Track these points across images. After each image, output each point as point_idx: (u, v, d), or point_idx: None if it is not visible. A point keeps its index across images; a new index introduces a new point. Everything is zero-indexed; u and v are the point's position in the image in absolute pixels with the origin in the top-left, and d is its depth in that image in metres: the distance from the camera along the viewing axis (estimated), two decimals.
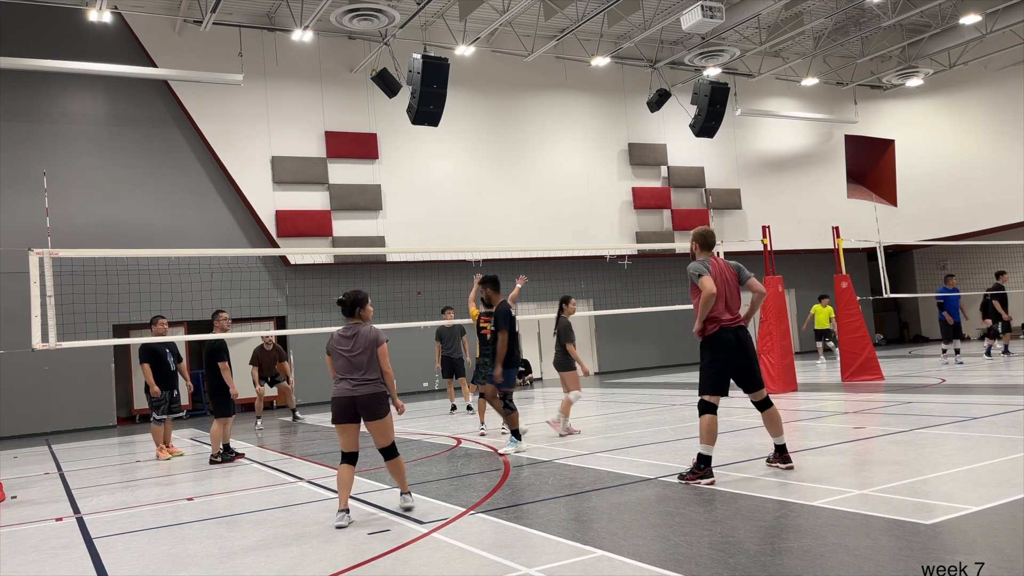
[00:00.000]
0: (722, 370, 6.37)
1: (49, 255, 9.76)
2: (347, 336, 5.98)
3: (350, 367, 5.89)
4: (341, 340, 5.98)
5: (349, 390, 5.86)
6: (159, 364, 10.44)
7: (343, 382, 5.90)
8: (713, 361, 6.38)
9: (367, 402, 5.85)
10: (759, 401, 6.52)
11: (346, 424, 5.90)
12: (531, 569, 4.35)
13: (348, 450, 5.95)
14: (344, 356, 5.92)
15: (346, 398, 5.85)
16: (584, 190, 22.57)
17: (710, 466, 6.25)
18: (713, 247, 6.72)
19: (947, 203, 25.20)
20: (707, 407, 6.34)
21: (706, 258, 6.60)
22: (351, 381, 5.87)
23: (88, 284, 14.79)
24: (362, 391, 5.85)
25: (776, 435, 6.51)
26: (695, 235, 6.75)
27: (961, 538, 4.35)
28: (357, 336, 5.95)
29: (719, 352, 6.36)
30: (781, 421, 6.55)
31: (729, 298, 6.49)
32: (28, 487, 9.01)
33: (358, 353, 5.90)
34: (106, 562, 5.28)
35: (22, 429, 16.55)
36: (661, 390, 15.68)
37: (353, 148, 19.91)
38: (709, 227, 6.84)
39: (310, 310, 18.88)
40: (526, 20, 20.13)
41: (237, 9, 18.38)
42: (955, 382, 12.87)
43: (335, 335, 6.04)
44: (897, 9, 20.77)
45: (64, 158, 17.51)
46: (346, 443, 5.95)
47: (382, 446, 5.98)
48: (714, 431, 6.26)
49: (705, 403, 6.36)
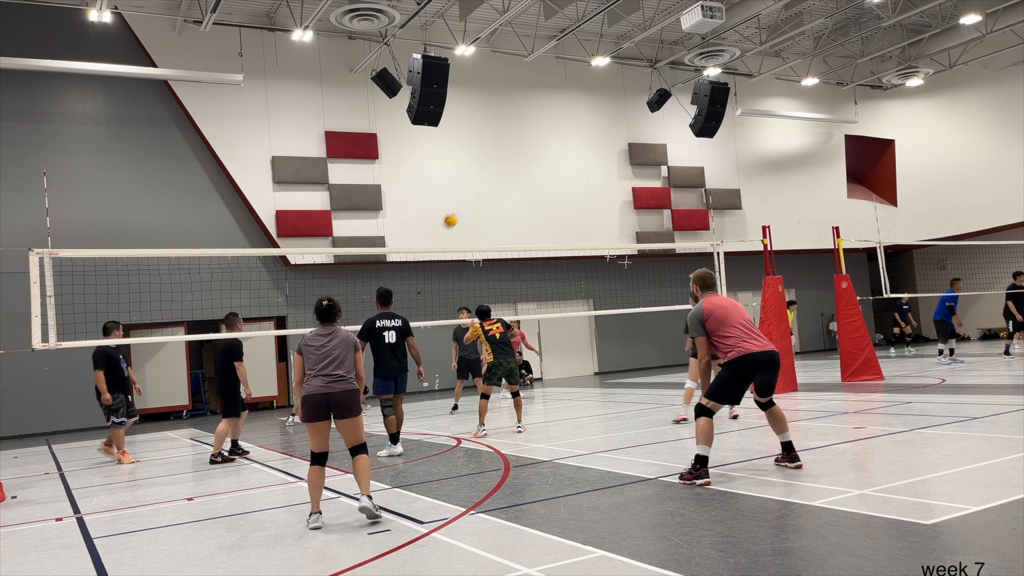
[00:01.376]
0: (738, 388, 6.46)
1: (49, 255, 9.75)
2: (324, 335, 6.15)
3: (326, 364, 5.98)
4: (317, 338, 6.12)
5: (323, 387, 5.91)
6: (115, 371, 10.48)
7: (317, 379, 5.95)
8: (732, 379, 6.42)
9: (341, 399, 5.90)
10: (764, 401, 6.65)
11: (320, 423, 5.92)
12: (531, 569, 4.35)
13: (319, 450, 5.94)
14: (319, 352, 6.02)
15: (321, 395, 5.89)
16: (584, 190, 22.57)
17: (706, 466, 6.29)
18: (714, 287, 6.91)
19: (947, 203, 25.21)
20: (704, 411, 6.42)
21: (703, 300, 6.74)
22: (325, 378, 5.93)
23: (88, 284, 14.79)
24: (337, 387, 5.92)
25: (781, 432, 6.60)
26: (695, 278, 6.99)
27: (961, 538, 4.35)
28: (335, 335, 6.14)
29: (739, 379, 6.42)
30: (785, 419, 6.63)
31: (746, 326, 6.56)
32: (28, 487, 9.01)
33: (335, 350, 6.04)
34: (106, 562, 5.28)
35: (22, 429, 16.55)
36: (661, 390, 15.67)
37: (353, 148, 19.92)
38: (708, 270, 7.05)
39: (310, 310, 18.81)
40: (526, 20, 20.13)
41: (237, 9, 18.38)
42: (955, 382, 12.87)
43: (309, 335, 6.20)
44: (897, 9, 20.77)
45: (64, 158, 17.50)
46: (318, 443, 5.94)
47: (352, 444, 5.98)
48: (710, 433, 6.34)
49: (703, 407, 6.44)
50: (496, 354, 10.45)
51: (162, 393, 18.46)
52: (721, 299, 6.73)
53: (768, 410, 6.65)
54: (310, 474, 5.89)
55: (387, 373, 9.27)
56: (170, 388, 18.51)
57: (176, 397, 18.55)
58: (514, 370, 10.52)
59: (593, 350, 23.50)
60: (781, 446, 6.63)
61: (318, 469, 5.89)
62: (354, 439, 5.98)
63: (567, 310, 22.01)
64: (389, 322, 9.39)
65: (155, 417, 18.55)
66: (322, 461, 5.92)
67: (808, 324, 26.71)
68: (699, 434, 6.34)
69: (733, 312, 6.59)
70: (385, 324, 9.36)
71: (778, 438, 6.65)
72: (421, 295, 19.81)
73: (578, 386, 18.94)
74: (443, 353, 19.26)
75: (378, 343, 9.27)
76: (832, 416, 9.84)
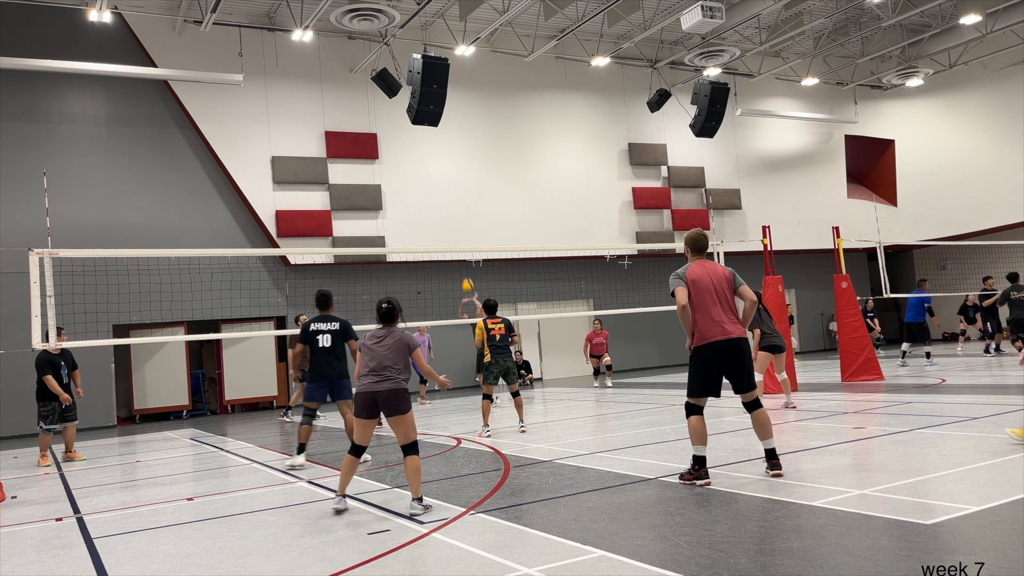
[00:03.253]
0: (709, 374, 6.26)
1: (49, 255, 9.76)
2: (379, 336, 6.29)
3: (376, 364, 6.16)
4: (373, 338, 6.31)
5: (371, 385, 6.13)
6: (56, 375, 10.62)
7: (366, 378, 6.18)
8: (700, 368, 6.28)
9: (387, 398, 6.09)
10: (749, 402, 6.35)
11: (366, 419, 6.18)
12: (531, 569, 4.35)
13: (360, 443, 6.26)
14: (371, 353, 6.21)
15: (368, 393, 6.13)
16: (584, 190, 22.57)
17: (705, 467, 6.19)
18: (706, 250, 6.54)
19: (947, 203, 25.20)
20: (692, 409, 6.29)
21: (691, 263, 6.45)
22: (374, 377, 6.13)
23: (88, 284, 14.80)
24: (383, 387, 6.10)
25: (764, 438, 6.28)
26: (686, 239, 6.63)
27: (961, 538, 4.35)
28: (389, 335, 6.27)
29: (705, 364, 6.25)
30: (770, 424, 6.32)
31: (720, 304, 6.28)
32: (28, 487, 9.01)
33: (386, 350, 6.19)
34: (106, 562, 5.28)
35: (22, 429, 16.54)
36: (661, 390, 15.68)
37: (353, 148, 19.91)
38: (702, 230, 6.70)
39: (310, 310, 18.82)
40: (526, 20, 20.13)
41: (237, 9, 18.38)
42: (955, 382, 12.88)
43: (368, 334, 6.38)
44: (897, 9, 20.77)
45: (64, 158, 17.50)
46: (360, 437, 6.25)
47: (404, 443, 6.13)
48: (702, 431, 6.20)
49: (690, 405, 6.32)
50: (493, 353, 10.45)
51: (162, 393, 18.46)
52: (705, 270, 6.35)
53: (753, 412, 6.31)
54: (345, 460, 6.26)
55: (317, 378, 8.81)
56: (170, 388, 18.51)
57: (176, 397, 18.55)
58: (511, 369, 10.51)
59: None
60: (764, 452, 6.31)
61: (352, 459, 6.24)
62: (404, 437, 6.12)
63: (567, 310, 22.01)
64: (324, 325, 8.86)
65: (155, 417, 18.55)
66: (359, 453, 6.26)
67: (808, 324, 26.71)
68: (691, 434, 6.25)
69: (709, 292, 6.26)
70: (319, 327, 8.84)
71: (761, 444, 6.34)
72: (421, 295, 19.81)
73: (578, 386, 18.94)
74: (444, 353, 19.28)
75: (313, 347, 8.82)
76: (832, 416, 9.84)
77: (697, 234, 6.61)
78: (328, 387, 8.82)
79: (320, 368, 8.79)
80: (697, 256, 6.53)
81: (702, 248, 6.56)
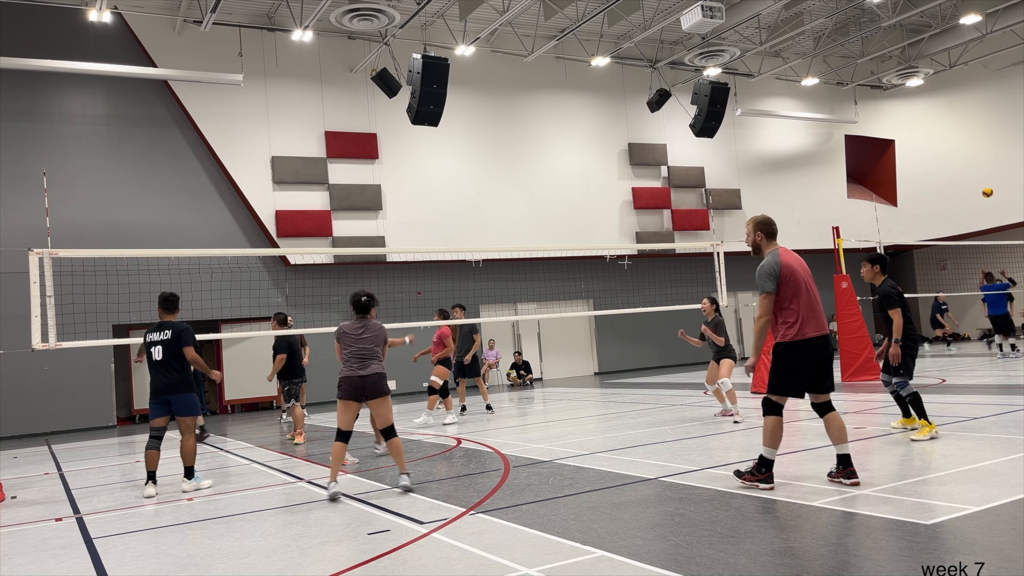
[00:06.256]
0: (800, 372, 5.72)
1: (49, 255, 9.75)
2: (359, 326, 6.94)
3: (361, 351, 6.82)
4: (355, 328, 6.93)
5: (357, 370, 6.79)
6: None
7: (351, 363, 6.81)
8: (791, 365, 5.72)
9: (375, 381, 6.79)
10: (822, 404, 5.85)
11: (351, 402, 6.76)
12: (531, 569, 4.35)
13: (346, 428, 6.79)
14: (356, 342, 6.85)
15: (355, 377, 6.77)
16: (584, 190, 22.57)
17: (771, 471, 5.77)
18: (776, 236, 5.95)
19: (947, 203, 25.20)
20: (773, 407, 5.76)
21: (777, 252, 5.81)
22: (360, 362, 6.80)
23: (88, 284, 14.80)
24: (369, 371, 6.79)
25: (839, 442, 5.74)
26: (759, 223, 6.00)
27: (961, 538, 4.35)
28: (367, 329, 6.94)
29: (799, 361, 5.71)
30: (845, 427, 5.80)
31: (814, 298, 5.73)
32: (28, 487, 9.01)
33: (369, 341, 6.88)
34: (106, 562, 5.28)
35: (22, 429, 16.54)
36: (661, 390, 15.67)
37: (353, 148, 19.91)
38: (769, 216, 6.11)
39: (310, 310, 18.86)
40: (526, 20, 20.13)
41: (237, 9, 18.38)
42: (955, 382, 12.87)
43: (347, 324, 6.97)
44: (897, 9, 20.77)
45: (64, 158, 17.50)
46: (346, 421, 6.77)
47: (383, 426, 6.82)
48: (778, 433, 5.71)
49: (771, 403, 5.78)
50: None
51: None
52: (795, 257, 5.81)
53: (825, 415, 5.80)
54: (334, 448, 6.81)
55: (153, 393, 7.59)
56: None
57: None
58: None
59: (593, 350, 23.49)
60: (837, 459, 5.78)
61: (341, 445, 6.79)
62: (383, 420, 6.85)
63: (567, 310, 22.01)
64: (156, 335, 7.55)
65: None
66: (345, 439, 6.80)
67: None
68: (765, 434, 5.76)
69: (807, 282, 5.73)
70: (152, 338, 7.56)
71: (835, 450, 5.80)
72: (421, 295, 19.80)
73: (578, 386, 18.93)
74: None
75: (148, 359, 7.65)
76: None
77: (768, 219, 6.06)
78: (166, 403, 7.58)
79: (153, 382, 7.61)
80: (772, 243, 5.99)
81: (774, 234, 6.02)
